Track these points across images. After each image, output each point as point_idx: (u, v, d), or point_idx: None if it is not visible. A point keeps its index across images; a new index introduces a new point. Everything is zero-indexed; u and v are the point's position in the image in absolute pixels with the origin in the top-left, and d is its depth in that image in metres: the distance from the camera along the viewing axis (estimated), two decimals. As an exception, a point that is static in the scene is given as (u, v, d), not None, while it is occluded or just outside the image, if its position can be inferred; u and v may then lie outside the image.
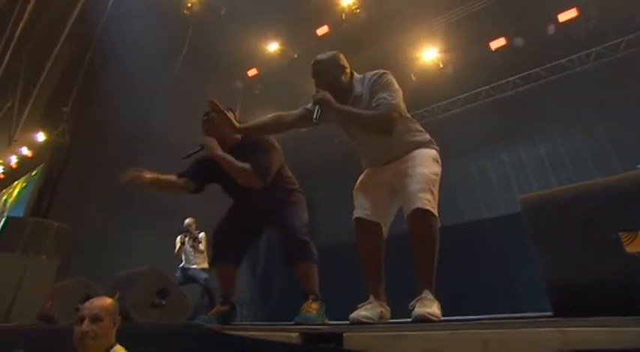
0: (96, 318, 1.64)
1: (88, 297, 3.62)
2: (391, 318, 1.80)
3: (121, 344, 1.73)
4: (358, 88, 1.97)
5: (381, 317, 1.72)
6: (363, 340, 1.19)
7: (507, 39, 6.86)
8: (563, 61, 7.02)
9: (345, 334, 1.23)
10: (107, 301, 1.75)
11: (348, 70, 2.03)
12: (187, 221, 5.28)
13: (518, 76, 7.47)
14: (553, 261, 1.15)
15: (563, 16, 6.21)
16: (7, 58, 8.45)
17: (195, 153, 2.17)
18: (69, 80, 8.74)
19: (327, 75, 1.97)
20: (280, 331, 1.44)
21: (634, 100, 6.01)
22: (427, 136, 2.04)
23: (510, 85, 7.58)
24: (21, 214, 8.65)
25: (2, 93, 8.97)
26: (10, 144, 9.61)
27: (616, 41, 6.54)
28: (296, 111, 2.08)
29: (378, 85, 1.91)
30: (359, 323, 1.57)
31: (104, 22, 7.37)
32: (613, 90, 6.32)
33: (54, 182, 8.46)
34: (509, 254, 6.17)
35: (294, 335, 1.35)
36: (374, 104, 1.86)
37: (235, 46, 7.66)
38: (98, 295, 3.56)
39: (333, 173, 8.45)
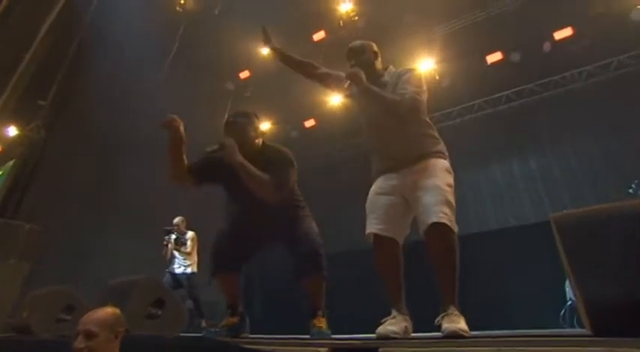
0: (90, 334, 1.60)
1: (70, 307, 3.51)
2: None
3: (127, 358, 1.68)
4: (387, 78, 2.13)
5: (405, 331, 1.74)
6: (401, 356, 1.21)
7: (503, 53, 7.10)
8: (556, 77, 7.31)
9: (380, 349, 1.24)
10: (105, 313, 1.70)
11: (379, 59, 2.21)
12: (176, 220, 5.11)
13: (511, 90, 7.72)
14: (592, 280, 1.20)
15: (559, 34, 6.49)
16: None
17: (214, 151, 2.13)
18: (48, 73, 8.48)
19: (362, 59, 2.15)
20: (306, 346, 1.43)
21: (624, 119, 6.31)
22: (442, 146, 2.10)
23: (504, 99, 7.83)
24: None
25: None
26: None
27: (607, 61, 6.87)
28: (330, 71, 2.28)
29: (406, 77, 2.05)
30: (387, 339, 1.58)
31: (92, 13, 7.23)
32: (604, 109, 6.62)
33: (25, 180, 8.16)
34: (498, 268, 6.32)
35: (322, 350, 1.35)
36: (400, 92, 1.99)
37: (228, 47, 7.64)
38: (80, 304, 3.45)
39: (323, 183, 8.48)
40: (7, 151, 9.26)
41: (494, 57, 7.14)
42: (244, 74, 8.44)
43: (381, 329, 1.67)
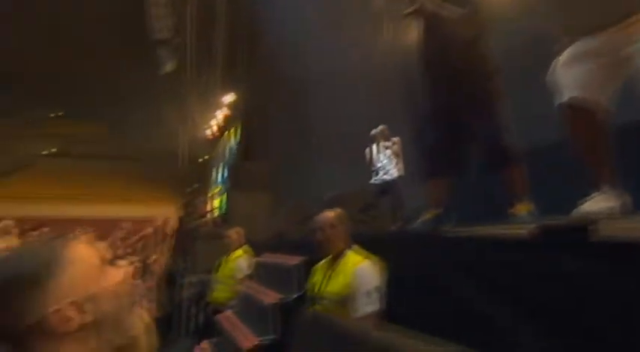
0: (320, 229, 2.03)
1: (307, 218, 4.42)
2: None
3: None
4: None
5: (614, 209, 1.51)
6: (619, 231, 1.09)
7: None
8: None
9: (591, 226, 1.14)
10: (335, 213, 2.08)
11: None
12: (379, 128, 4.86)
13: None
14: None
15: None
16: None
17: (412, 12, 2.25)
18: (235, 45, 9.89)
19: None
20: (508, 229, 1.43)
21: None
22: None
23: None
24: (234, 160, 10.88)
25: (199, 68, 10.88)
26: (213, 107, 11.81)
27: None
28: None
29: None
30: (594, 217, 1.41)
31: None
32: None
33: (251, 131, 10.20)
34: None
35: (530, 231, 1.32)
36: None
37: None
38: (313, 213, 4.30)
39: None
40: (235, 113, 11.60)
41: None
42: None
43: (583, 208, 1.49)
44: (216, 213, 9.85)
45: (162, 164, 13.97)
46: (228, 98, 11.03)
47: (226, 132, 12.54)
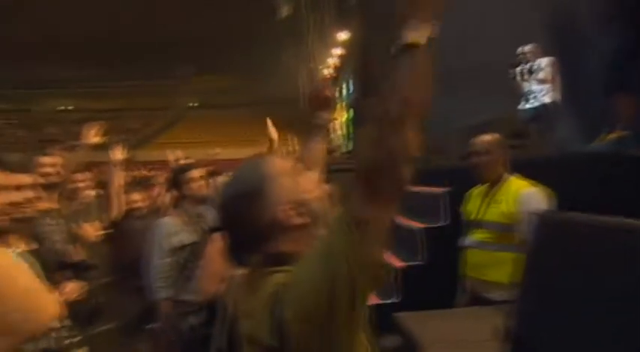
0: (476, 153, 1.90)
1: (441, 148, 4.25)
2: None
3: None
4: None
5: None
6: None
7: None
8: None
9: None
10: (493, 137, 1.94)
11: None
12: (526, 48, 4.19)
13: None
14: None
15: None
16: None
17: None
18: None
19: None
20: None
21: None
22: None
23: None
24: (354, 98, 10.91)
25: (314, 8, 10.79)
26: (329, 46, 11.76)
27: None
28: None
29: None
30: None
31: None
32: None
33: (370, 66, 9.92)
34: None
35: None
36: None
37: None
38: (451, 144, 4.08)
39: None
40: (350, 51, 11.36)
41: None
42: None
43: None
44: (343, 148, 10.30)
45: (287, 107, 14.87)
46: (344, 36, 10.80)
47: (344, 71, 12.54)
